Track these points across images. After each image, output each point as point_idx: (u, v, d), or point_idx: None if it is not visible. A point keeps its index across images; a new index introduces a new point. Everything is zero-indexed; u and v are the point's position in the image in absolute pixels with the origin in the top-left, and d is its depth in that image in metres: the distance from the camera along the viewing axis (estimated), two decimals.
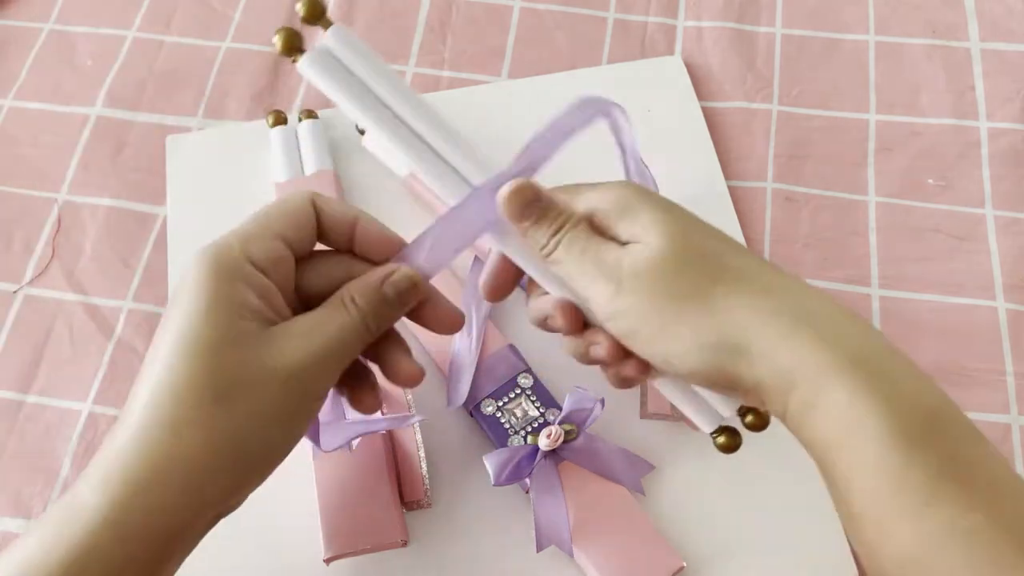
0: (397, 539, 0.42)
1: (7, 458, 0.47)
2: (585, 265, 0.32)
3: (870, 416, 0.28)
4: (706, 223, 0.33)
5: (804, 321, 0.30)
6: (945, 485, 0.27)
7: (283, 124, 0.55)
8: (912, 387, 0.29)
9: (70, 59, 0.60)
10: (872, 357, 0.29)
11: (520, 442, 0.44)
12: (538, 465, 0.43)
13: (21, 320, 0.51)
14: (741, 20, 0.62)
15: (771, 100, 0.58)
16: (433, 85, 0.59)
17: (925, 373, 0.30)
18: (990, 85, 0.59)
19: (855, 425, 0.28)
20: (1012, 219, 0.53)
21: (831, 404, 0.29)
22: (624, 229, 0.32)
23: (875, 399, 0.28)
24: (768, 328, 0.30)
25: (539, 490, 0.42)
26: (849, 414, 0.28)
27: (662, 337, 0.31)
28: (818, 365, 0.29)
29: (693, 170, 0.55)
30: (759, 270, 0.32)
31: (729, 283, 0.31)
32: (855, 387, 0.28)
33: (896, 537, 0.28)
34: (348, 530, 0.42)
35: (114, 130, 0.57)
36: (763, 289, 0.31)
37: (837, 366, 0.29)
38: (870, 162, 0.56)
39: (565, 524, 0.42)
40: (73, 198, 0.55)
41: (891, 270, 0.52)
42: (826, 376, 0.29)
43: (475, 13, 0.62)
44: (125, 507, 0.29)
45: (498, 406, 0.45)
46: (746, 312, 0.30)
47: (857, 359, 0.29)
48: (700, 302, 0.30)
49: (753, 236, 0.53)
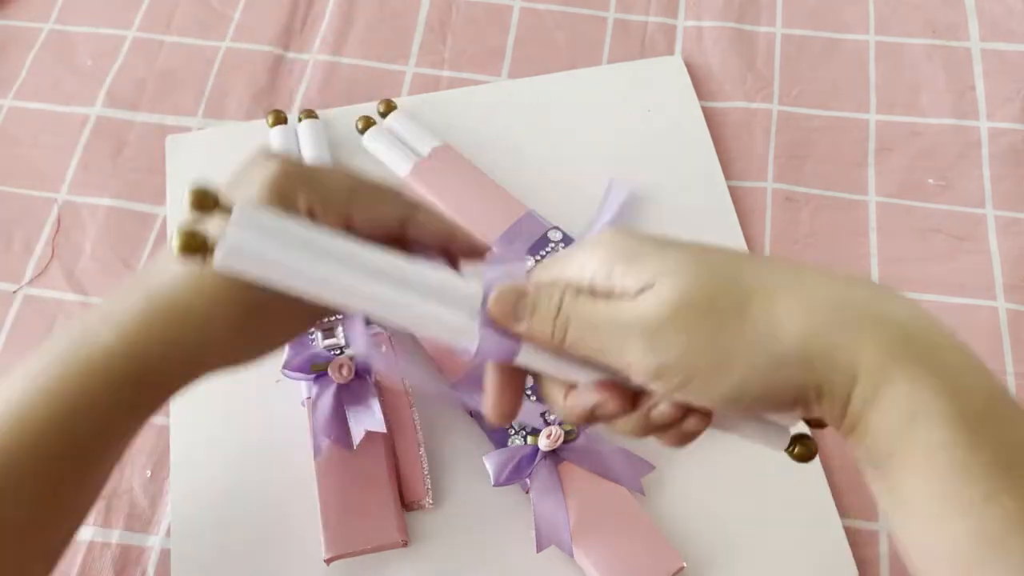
0: (397, 539, 0.42)
1: None
2: (604, 335, 0.29)
3: (934, 400, 0.27)
4: (705, 245, 0.31)
5: (849, 312, 0.28)
6: (1007, 474, 0.26)
7: (283, 124, 0.55)
8: (966, 365, 0.28)
9: (70, 59, 0.60)
10: (923, 334, 0.28)
11: (520, 442, 0.44)
12: (538, 465, 0.43)
13: (21, 320, 0.51)
14: (741, 20, 0.62)
15: (771, 100, 0.58)
16: (433, 85, 0.59)
17: (975, 354, 0.29)
18: (990, 85, 0.59)
19: (918, 411, 0.27)
20: (1012, 219, 0.53)
21: (895, 393, 0.27)
22: (632, 281, 0.29)
23: (936, 382, 0.27)
24: (816, 328, 0.28)
25: (539, 490, 0.42)
26: (912, 401, 0.27)
27: (717, 373, 0.28)
28: (876, 355, 0.27)
29: (693, 170, 0.55)
30: (781, 270, 0.30)
31: (760, 292, 0.29)
32: (915, 371, 0.27)
33: (954, 530, 0.27)
34: (349, 531, 0.42)
35: (114, 130, 0.57)
36: (796, 289, 0.29)
37: (894, 352, 0.27)
38: (870, 162, 0.56)
39: (565, 524, 0.42)
40: (73, 198, 0.55)
41: (891, 270, 0.52)
42: (887, 365, 0.27)
43: (475, 13, 0.62)
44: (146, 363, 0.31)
45: None
46: (790, 317, 0.28)
47: (910, 339, 0.28)
48: (741, 322, 0.28)
49: (753, 236, 0.53)
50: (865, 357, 0.28)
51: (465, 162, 0.54)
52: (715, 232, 0.52)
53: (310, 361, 0.44)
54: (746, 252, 0.33)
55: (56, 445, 0.31)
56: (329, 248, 0.29)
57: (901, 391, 0.27)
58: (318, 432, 0.43)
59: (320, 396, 0.44)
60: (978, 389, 0.27)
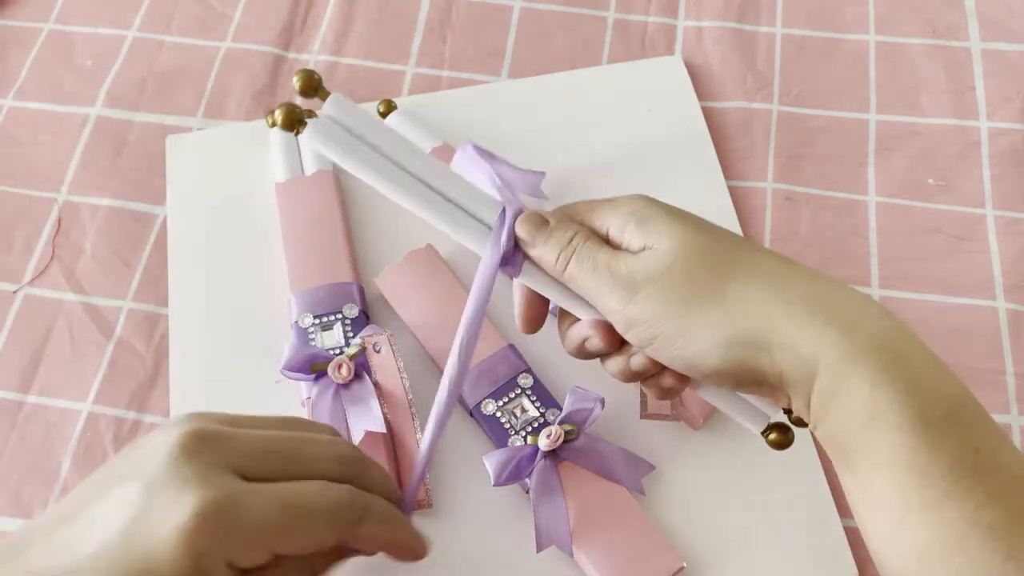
0: None
1: (7, 458, 0.47)
2: (598, 277, 0.32)
3: (893, 403, 0.28)
4: (716, 226, 0.34)
5: (822, 309, 0.29)
6: (967, 477, 0.27)
7: None
8: (933, 375, 0.29)
9: (70, 59, 0.60)
10: (892, 343, 0.29)
11: (520, 442, 0.44)
12: (538, 465, 0.43)
13: (21, 320, 0.51)
14: (741, 20, 0.62)
15: (771, 100, 0.58)
16: (433, 85, 0.59)
17: (943, 361, 0.30)
18: (990, 85, 0.59)
19: (877, 412, 0.28)
20: (1012, 219, 0.53)
21: (853, 391, 0.28)
22: (638, 239, 0.32)
23: (897, 387, 0.28)
24: (786, 318, 0.29)
25: (539, 490, 0.42)
26: (871, 402, 0.28)
27: (681, 339, 0.31)
28: (839, 353, 0.28)
29: (693, 170, 0.55)
30: (772, 262, 0.32)
31: (742, 278, 0.31)
32: (877, 374, 0.28)
33: (914, 528, 0.28)
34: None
35: (114, 130, 0.57)
36: (778, 280, 0.31)
37: (857, 353, 0.28)
38: (870, 162, 0.56)
39: (565, 524, 0.42)
40: (73, 198, 0.55)
41: (891, 270, 0.52)
42: (847, 364, 0.28)
43: (475, 13, 0.62)
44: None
45: (498, 406, 0.45)
46: (762, 304, 0.30)
47: (877, 345, 0.29)
48: (715, 299, 0.30)
49: (753, 236, 0.53)
50: (827, 353, 0.29)
51: None
52: None
53: (309, 361, 0.44)
54: (746, 240, 0.34)
55: None
56: (390, 148, 0.35)
57: (861, 391, 0.28)
58: None
59: (319, 396, 0.44)
60: (942, 396, 0.28)
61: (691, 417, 0.46)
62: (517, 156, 0.54)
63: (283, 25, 0.62)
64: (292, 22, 0.62)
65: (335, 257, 0.50)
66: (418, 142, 0.54)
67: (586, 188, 0.53)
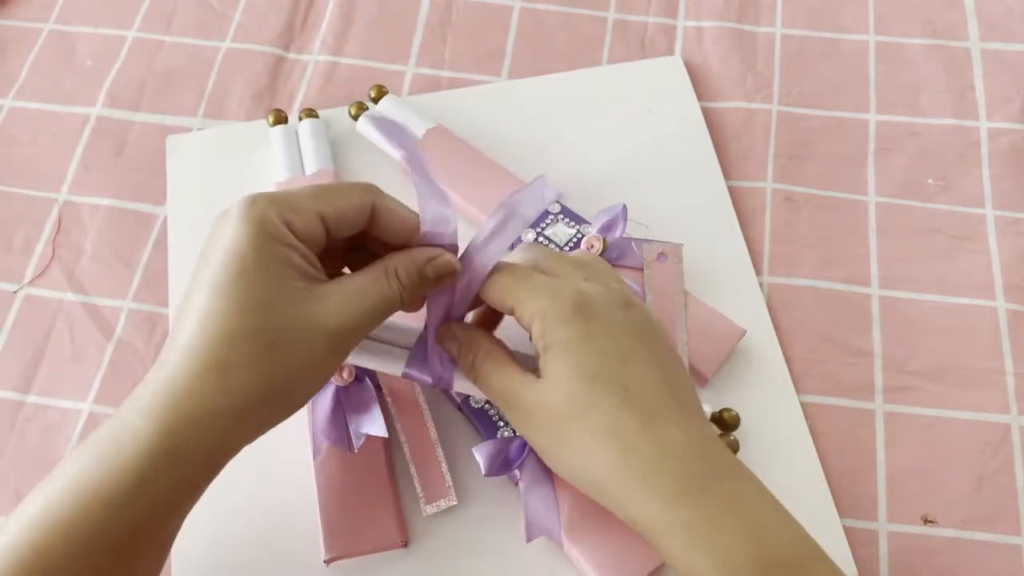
0: (397, 540, 0.42)
1: (7, 458, 0.47)
2: (496, 394, 0.38)
3: (702, 570, 0.33)
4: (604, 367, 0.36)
5: (652, 477, 0.34)
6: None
7: (283, 123, 0.55)
8: (745, 540, 0.33)
9: (70, 59, 0.60)
10: (707, 511, 0.33)
11: (509, 433, 0.44)
12: (528, 455, 0.43)
13: (21, 320, 0.51)
14: (741, 20, 0.62)
15: (771, 100, 0.58)
16: (433, 85, 0.59)
17: (767, 517, 0.34)
18: (990, 85, 0.59)
19: (693, 573, 0.33)
20: (1012, 219, 0.53)
21: (671, 551, 0.34)
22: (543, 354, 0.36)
23: (705, 554, 0.33)
24: (622, 484, 0.35)
25: (529, 481, 0.42)
26: (687, 563, 0.33)
27: (544, 455, 0.38)
28: (658, 524, 0.34)
29: (693, 170, 0.55)
30: (629, 421, 0.35)
31: (598, 434, 0.35)
32: (688, 542, 0.33)
33: None
34: (348, 532, 0.42)
35: (114, 130, 0.57)
36: (625, 443, 0.35)
37: (675, 526, 0.33)
38: (870, 162, 0.56)
39: (555, 514, 0.42)
40: (73, 198, 0.55)
41: (891, 270, 0.52)
42: (667, 535, 0.34)
43: (475, 13, 0.62)
44: (179, 436, 0.31)
45: (486, 399, 0.45)
46: (608, 462, 0.35)
47: (693, 521, 0.33)
48: (568, 448, 0.36)
49: (753, 236, 0.53)
50: (650, 521, 0.34)
51: (459, 141, 0.54)
52: (715, 232, 0.52)
53: None
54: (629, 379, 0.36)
55: (95, 543, 0.31)
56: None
57: (677, 550, 0.33)
58: (317, 433, 0.43)
59: (319, 397, 0.44)
60: (751, 558, 0.33)
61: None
62: (517, 156, 0.55)
63: (283, 25, 0.62)
64: (292, 22, 0.62)
65: None
66: (411, 125, 0.54)
67: (586, 188, 0.53)
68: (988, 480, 0.46)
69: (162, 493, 0.32)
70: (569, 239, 0.50)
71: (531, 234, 0.50)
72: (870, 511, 0.45)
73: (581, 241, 0.49)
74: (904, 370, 0.49)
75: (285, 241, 0.33)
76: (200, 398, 0.32)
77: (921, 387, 0.48)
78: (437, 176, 0.37)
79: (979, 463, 0.46)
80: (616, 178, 0.54)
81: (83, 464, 0.32)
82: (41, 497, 0.32)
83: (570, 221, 0.50)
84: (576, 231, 0.50)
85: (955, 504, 0.45)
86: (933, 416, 0.47)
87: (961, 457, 0.46)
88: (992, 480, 0.46)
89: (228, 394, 0.32)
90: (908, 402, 0.48)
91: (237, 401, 0.32)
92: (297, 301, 0.33)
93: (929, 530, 0.45)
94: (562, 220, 0.50)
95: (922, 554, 0.44)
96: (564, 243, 0.49)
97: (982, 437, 0.47)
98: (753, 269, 0.51)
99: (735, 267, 0.51)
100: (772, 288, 0.51)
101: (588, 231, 0.50)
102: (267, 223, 0.33)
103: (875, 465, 0.46)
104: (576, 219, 0.50)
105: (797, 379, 0.48)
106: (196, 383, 0.32)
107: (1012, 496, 0.45)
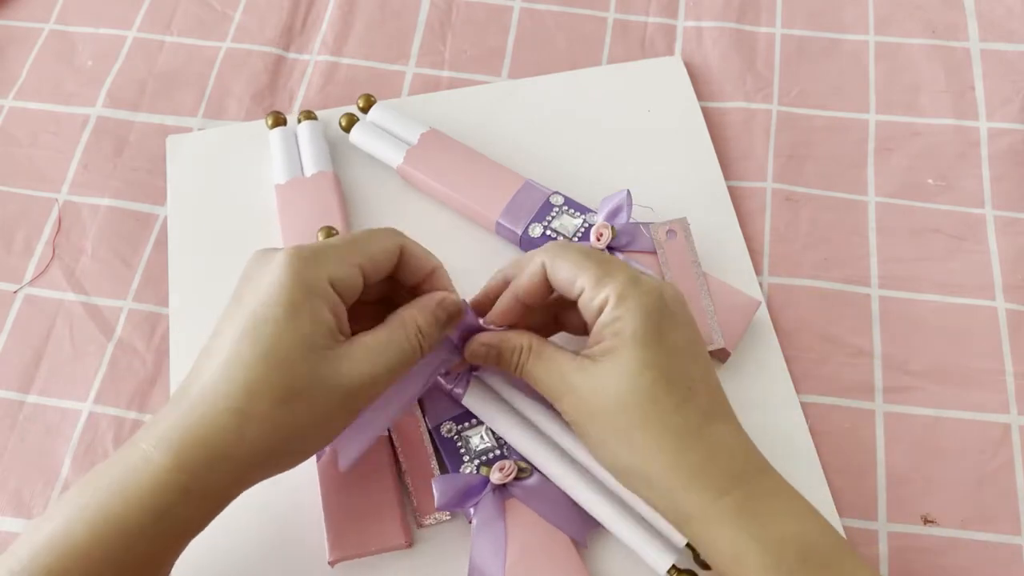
0: (401, 541, 0.42)
1: (7, 458, 0.47)
2: (545, 387, 0.39)
3: (750, 552, 0.34)
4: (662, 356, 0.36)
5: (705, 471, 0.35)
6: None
7: (283, 125, 0.55)
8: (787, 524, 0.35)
9: (70, 59, 0.60)
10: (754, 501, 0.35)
11: (472, 470, 0.43)
12: (485, 497, 0.42)
13: (21, 320, 0.51)
14: (741, 20, 0.62)
15: (771, 100, 0.58)
16: (433, 85, 0.59)
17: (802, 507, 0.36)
18: (990, 85, 0.59)
19: (740, 557, 0.34)
20: (1012, 219, 0.54)
21: (720, 539, 0.35)
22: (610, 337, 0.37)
23: (752, 541, 0.34)
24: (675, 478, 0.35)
25: (481, 523, 0.41)
26: (734, 548, 0.34)
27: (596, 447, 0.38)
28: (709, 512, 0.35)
29: (693, 170, 0.55)
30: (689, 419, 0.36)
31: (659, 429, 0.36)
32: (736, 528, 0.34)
33: None
34: (352, 533, 0.42)
35: (114, 130, 0.57)
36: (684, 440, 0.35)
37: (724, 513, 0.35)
38: (870, 162, 0.56)
39: (500, 562, 0.40)
40: (73, 198, 0.55)
41: (891, 270, 0.52)
42: (715, 522, 0.35)
43: (475, 13, 0.62)
44: (193, 474, 0.32)
45: (457, 431, 0.44)
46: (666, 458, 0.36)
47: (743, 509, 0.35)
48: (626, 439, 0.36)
49: (753, 236, 0.53)
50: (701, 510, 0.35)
51: (455, 143, 0.54)
52: (715, 232, 0.52)
53: None
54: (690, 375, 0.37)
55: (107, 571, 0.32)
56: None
57: (726, 536, 0.35)
58: None
59: None
60: (793, 542, 0.34)
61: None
62: (517, 156, 0.55)
63: (283, 25, 0.62)
64: (292, 22, 0.62)
65: None
66: (405, 131, 0.54)
67: (586, 188, 0.53)
68: (988, 480, 0.46)
69: (174, 527, 0.33)
70: (576, 230, 0.50)
71: (538, 228, 0.50)
72: (870, 511, 0.45)
73: (589, 231, 0.49)
74: (904, 370, 0.49)
75: (325, 297, 0.34)
76: (216, 442, 0.33)
77: (921, 387, 0.48)
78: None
79: (979, 463, 0.46)
80: (616, 178, 0.54)
81: (100, 494, 0.32)
82: (57, 520, 0.32)
83: (575, 212, 0.50)
84: (582, 220, 0.50)
85: (955, 504, 0.45)
86: (933, 416, 0.47)
87: (961, 457, 0.46)
88: (992, 480, 0.46)
89: (243, 442, 0.33)
90: (908, 402, 0.48)
91: (251, 450, 0.33)
92: (321, 360, 0.34)
93: (929, 530, 0.45)
94: (567, 211, 0.50)
95: (922, 554, 0.44)
96: (572, 234, 0.49)
97: (982, 437, 0.47)
98: (753, 269, 0.51)
99: (735, 267, 0.51)
100: (772, 288, 0.51)
101: (594, 220, 0.50)
102: (310, 279, 0.34)
103: (875, 465, 0.46)
104: (581, 209, 0.50)
105: (797, 379, 0.48)
106: (213, 428, 0.33)
107: (1012, 496, 0.45)
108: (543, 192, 0.51)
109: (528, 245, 0.50)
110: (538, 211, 0.50)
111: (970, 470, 0.46)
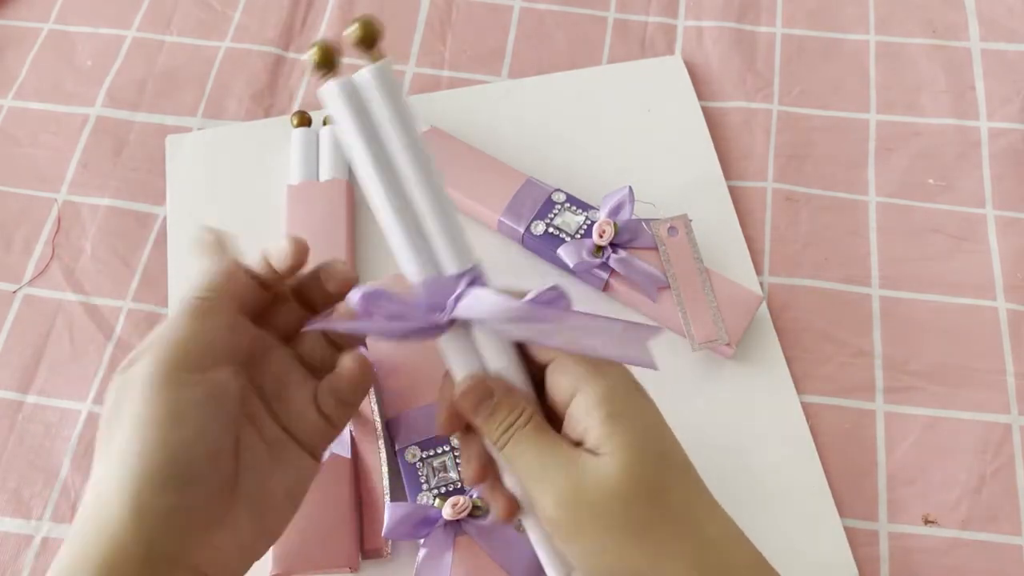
0: (348, 564, 0.41)
1: (7, 458, 0.47)
2: (534, 469, 0.31)
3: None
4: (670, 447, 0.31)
5: (719, 563, 0.30)
6: None
7: (307, 126, 0.55)
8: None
9: (70, 59, 0.60)
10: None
11: (429, 500, 0.42)
12: (436, 530, 0.41)
13: (21, 320, 0.51)
14: (741, 20, 0.62)
15: (771, 100, 0.58)
16: (433, 85, 0.59)
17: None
18: (990, 85, 0.59)
19: None
20: (1012, 219, 0.53)
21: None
22: (592, 431, 0.30)
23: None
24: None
25: (428, 556, 0.40)
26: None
27: (589, 553, 0.31)
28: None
29: (693, 170, 0.55)
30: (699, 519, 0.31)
31: (675, 520, 0.30)
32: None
33: None
34: (299, 548, 0.41)
35: (114, 130, 0.57)
36: (694, 542, 0.30)
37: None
38: (870, 162, 0.56)
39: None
40: (73, 198, 0.55)
41: (891, 270, 0.52)
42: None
43: (475, 13, 0.62)
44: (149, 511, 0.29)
45: (421, 458, 0.43)
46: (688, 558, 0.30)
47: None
48: (636, 539, 0.30)
49: (753, 236, 0.53)
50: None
51: (456, 141, 0.54)
52: (716, 232, 0.52)
53: None
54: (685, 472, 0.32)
55: None
56: (414, 144, 0.32)
57: None
58: None
59: None
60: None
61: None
62: (517, 155, 0.55)
63: (283, 25, 0.62)
64: (292, 22, 0.62)
65: None
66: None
67: (586, 188, 0.53)
68: (989, 480, 0.46)
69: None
70: (579, 227, 0.50)
71: (541, 226, 0.50)
72: (871, 511, 0.45)
73: (591, 228, 0.49)
74: (904, 370, 0.49)
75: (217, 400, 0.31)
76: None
77: (922, 387, 0.48)
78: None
79: (980, 463, 0.46)
80: (616, 177, 0.54)
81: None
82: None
83: (577, 209, 0.50)
84: (584, 218, 0.50)
85: (956, 504, 0.45)
86: (934, 416, 0.47)
87: (962, 457, 0.46)
88: (993, 480, 0.46)
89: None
90: (909, 402, 0.48)
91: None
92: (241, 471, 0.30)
93: (930, 530, 0.45)
94: (569, 208, 0.50)
95: (923, 554, 0.44)
96: (574, 231, 0.49)
97: (983, 437, 0.47)
98: (753, 269, 0.51)
99: (736, 267, 0.51)
100: (772, 288, 0.51)
101: (596, 217, 0.50)
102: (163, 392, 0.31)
103: (876, 465, 0.46)
104: (583, 206, 0.50)
105: (797, 379, 0.48)
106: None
107: (1013, 496, 0.45)
108: (545, 189, 0.51)
109: (531, 243, 0.50)
110: (540, 208, 0.50)
111: (971, 470, 0.46)
